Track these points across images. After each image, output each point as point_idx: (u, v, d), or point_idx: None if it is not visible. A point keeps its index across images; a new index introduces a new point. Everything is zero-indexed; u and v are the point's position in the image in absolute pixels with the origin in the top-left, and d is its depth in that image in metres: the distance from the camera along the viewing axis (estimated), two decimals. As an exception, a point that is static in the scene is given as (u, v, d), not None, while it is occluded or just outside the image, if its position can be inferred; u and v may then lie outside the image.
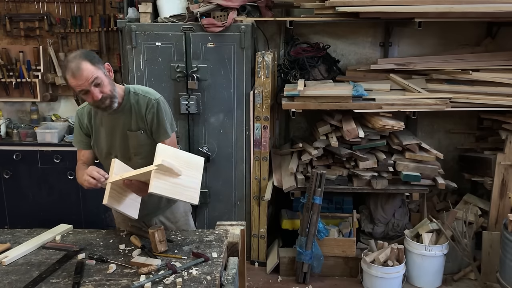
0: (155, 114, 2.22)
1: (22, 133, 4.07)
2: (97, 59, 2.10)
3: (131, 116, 2.23)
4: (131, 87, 2.27)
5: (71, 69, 2.01)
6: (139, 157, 2.28)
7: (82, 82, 2.02)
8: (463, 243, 3.44)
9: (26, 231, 2.35)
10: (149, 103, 2.22)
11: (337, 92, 3.49)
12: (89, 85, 2.03)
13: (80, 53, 2.08)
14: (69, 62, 2.04)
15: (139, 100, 2.23)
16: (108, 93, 2.09)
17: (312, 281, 3.59)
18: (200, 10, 3.47)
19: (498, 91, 3.56)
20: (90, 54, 2.10)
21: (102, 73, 2.08)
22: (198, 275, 1.92)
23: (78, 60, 2.02)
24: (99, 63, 2.08)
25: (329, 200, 3.87)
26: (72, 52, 2.14)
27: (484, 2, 3.33)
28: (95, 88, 2.04)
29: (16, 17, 4.23)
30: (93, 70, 2.03)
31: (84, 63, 2.02)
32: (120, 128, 2.25)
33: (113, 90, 2.12)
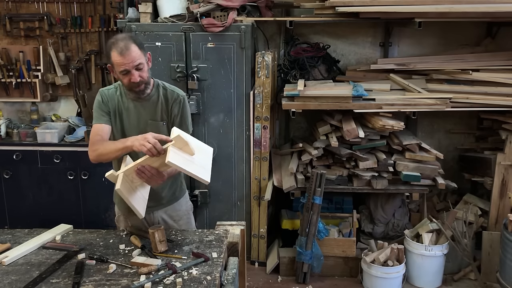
0: (180, 109, 2.32)
1: (22, 133, 4.06)
2: (143, 46, 2.21)
3: (156, 107, 2.31)
4: (159, 81, 2.37)
5: (120, 47, 2.11)
6: None
7: (128, 62, 2.11)
8: (463, 243, 3.44)
9: (26, 231, 2.35)
10: (177, 97, 2.33)
11: (337, 92, 3.49)
12: (132, 67, 2.13)
13: (129, 35, 2.21)
14: (118, 40, 2.14)
15: (167, 94, 2.33)
16: (145, 79, 2.20)
17: (312, 281, 3.59)
18: (200, 10, 3.47)
19: (498, 91, 3.56)
20: (138, 39, 2.22)
21: (145, 60, 2.19)
22: (198, 275, 1.92)
23: (128, 41, 2.13)
24: (143, 50, 2.19)
25: (329, 200, 3.87)
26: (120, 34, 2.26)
27: (484, 2, 3.33)
28: (136, 71, 2.14)
29: (16, 17, 4.23)
30: (140, 55, 2.15)
31: (133, 46, 2.13)
32: (142, 116, 2.31)
33: (149, 77, 2.24)
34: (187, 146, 2.02)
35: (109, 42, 2.19)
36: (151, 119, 2.32)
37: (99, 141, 2.24)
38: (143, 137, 2.02)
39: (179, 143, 2.01)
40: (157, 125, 2.32)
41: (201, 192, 3.73)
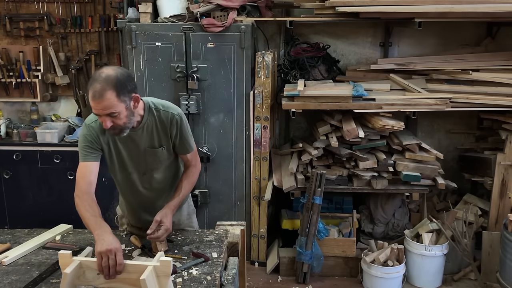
0: (179, 129, 2.17)
1: (22, 133, 4.06)
2: (127, 89, 1.94)
3: (152, 133, 2.15)
4: (150, 102, 2.15)
5: (94, 89, 1.87)
6: (156, 171, 2.25)
7: (98, 109, 1.90)
8: (463, 243, 3.44)
9: (26, 231, 2.35)
10: (173, 118, 2.15)
11: (337, 92, 3.49)
12: (103, 114, 1.92)
13: (113, 77, 1.90)
14: (97, 80, 1.89)
15: (161, 116, 2.14)
16: (120, 125, 1.96)
17: (312, 281, 3.59)
18: (200, 10, 3.47)
19: (498, 91, 3.56)
20: (121, 82, 1.91)
21: (124, 107, 1.93)
22: (198, 275, 1.92)
23: (105, 86, 1.87)
24: (125, 95, 1.93)
25: (329, 200, 3.87)
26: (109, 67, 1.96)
27: (484, 2, 3.33)
28: (108, 118, 1.92)
29: (16, 17, 4.23)
30: (114, 104, 1.89)
31: (110, 93, 1.87)
32: (139, 145, 2.16)
33: (127, 123, 1.98)
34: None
35: (93, 74, 1.96)
36: (149, 147, 2.17)
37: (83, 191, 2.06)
38: (108, 248, 1.74)
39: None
40: (155, 152, 2.18)
41: (201, 192, 3.73)
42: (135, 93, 1.99)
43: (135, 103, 2.00)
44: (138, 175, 2.23)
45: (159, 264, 1.67)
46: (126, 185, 2.29)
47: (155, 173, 2.25)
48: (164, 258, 1.68)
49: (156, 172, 2.25)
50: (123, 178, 2.27)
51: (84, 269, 1.68)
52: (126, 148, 2.17)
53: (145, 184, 2.27)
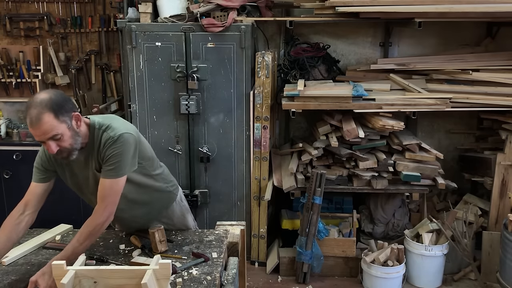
0: (110, 150, 1.95)
1: (22, 133, 4.06)
2: (66, 108, 1.86)
3: (94, 155, 2.01)
4: (96, 122, 2.01)
5: (30, 116, 1.80)
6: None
7: (40, 134, 1.83)
8: (463, 243, 3.44)
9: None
10: (108, 139, 1.96)
11: (337, 92, 3.49)
12: (46, 139, 1.85)
13: (48, 99, 1.82)
14: (31, 107, 1.81)
15: (101, 137, 1.98)
16: (67, 147, 1.89)
17: (312, 281, 3.59)
18: (200, 10, 3.47)
19: (498, 91, 3.56)
20: (57, 103, 1.84)
21: (66, 127, 1.86)
22: (198, 275, 1.92)
23: (41, 110, 1.80)
24: (64, 115, 1.85)
25: (329, 200, 3.87)
26: (42, 92, 1.89)
27: (484, 2, 3.33)
28: (52, 142, 1.85)
29: (16, 17, 4.23)
30: (55, 125, 1.82)
31: (47, 115, 1.80)
32: (87, 168, 2.05)
33: (73, 144, 1.90)
34: None
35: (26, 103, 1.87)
36: (96, 170, 2.03)
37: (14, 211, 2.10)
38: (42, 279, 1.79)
39: None
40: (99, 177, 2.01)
41: (201, 192, 3.73)
42: (74, 111, 1.91)
43: (77, 121, 1.92)
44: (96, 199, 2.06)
45: (158, 267, 1.66)
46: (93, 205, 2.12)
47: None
48: (163, 261, 1.68)
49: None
50: (88, 200, 2.19)
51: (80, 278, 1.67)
52: (78, 172, 2.08)
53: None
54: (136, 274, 1.64)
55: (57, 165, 2.09)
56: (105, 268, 1.70)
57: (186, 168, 3.66)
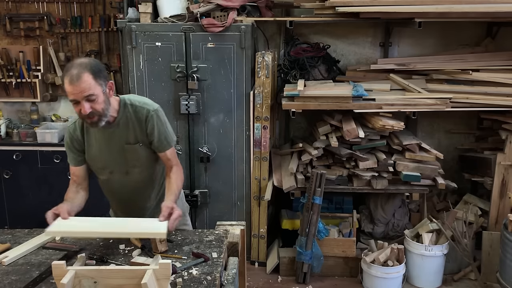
0: (155, 125, 2.15)
1: (22, 133, 4.06)
2: (103, 74, 2.01)
3: (128, 129, 2.15)
4: (126, 98, 2.17)
5: (70, 74, 1.92)
6: (138, 170, 2.24)
7: (77, 92, 1.93)
8: (463, 243, 3.44)
9: (26, 231, 2.35)
10: (148, 114, 2.14)
11: (337, 92, 3.49)
12: (82, 98, 1.94)
13: (88, 62, 1.98)
14: (72, 67, 1.95)
15: (137, 112, 2.15)
16: (98, 111, 1.99)
17: (312, 281, 3.59)
18: (200, 10, 3.47)
19: (498, 91, 3.56)
20: (97, 67, 1.99)
21: (101, 90, 1.99)
22: (198, 275, 1.92)
23: (82, 70, 1.93)
24: (101, 79, 1.99)
25: (329, 200, 3.87)
26: (81, 57, 2.06)
27: (484, 2, 3.33)
28: (86, 103, 1.95)
29: (16, 17, 4.23)
30: (92, 85, 1.94)
31: (86, 75, 1.93)
32: (116, 142, 2.16)
33: (105, 109, 2.02)
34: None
35: (66, 66, 2.01)
36: (126, 143, 2.16)
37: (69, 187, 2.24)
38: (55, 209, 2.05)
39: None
40: (134, 148, 2.18)
41: (201, 192, 3.73)
42: (109, 80, 2.05)
43: (110, 90, 2.06)
44: (120, 175, 2.22)
45: (158, 267, 1.66)
46: (110, 186, 2.29)
47: (137, 172, 2.24)
48: (163, 261, 1.68)
49: (138, 171, 2.24)
50: (105, 179, 2.27)
51: (80, 278, 1.67)
52: (104, 147, 2.17)
53: (130, 184, 2.26)
54: (136, 274, 1.64)
55: (85, 143, 2.19)
56: (105, 268, 1.70)
57: (186, 168, 3.66)
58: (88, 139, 2.18)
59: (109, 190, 2.34)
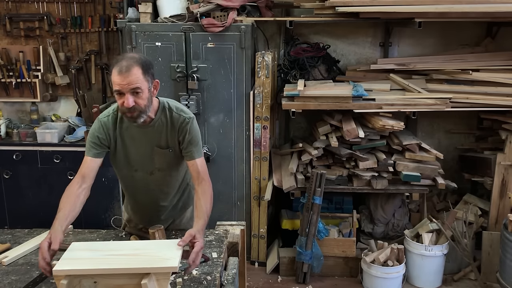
0: (187, 132, 2.14)
1: (22, 133, 4.06)
2: (151, 71, 2.02)
3: (161, 132, 2.15)
4: (165, 102, 2.17)
5: (121, 65, 1.93)
6: (163, 173, 2.24)
7: (124, 84, 1.92)
8: (463, 243, 3.44)
9: (26, 231, 2.35)
10: (184, 121, 2.14)
11: (337, 92, 3.49)
12: (128, 90, 1.93)
13: (138, 57, 2.00)
14: (123, 58, 1.97)
15: (173, 117, 2.14)
16: (141, 107, 1.98)
17: (312, 281, 3.59)
18: (200, 10, 3.47)
19: (498, 91, 3.56)
20: (146, 63, 2.01)
21: (147, 86, 1.98)
22: (198, 275, 1.92)
23: (132, 62, 1.94)
24: (149, 75, 2.00)
25: (329, 200, 3.87)
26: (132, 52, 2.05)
27: (484, 2, 3.33)
28: (131, 96, 1.94)
29: (16, 17, 4.23)
30: (140, 79, 1.94)
31: (136, 68, 1.94)
32: (148, 143, 2.16)
33: (147, 106, 2.01)
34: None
35: (116, 58, 2.03)
36: (157, 146, 2.17)
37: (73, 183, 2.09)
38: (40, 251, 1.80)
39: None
40: (163, 152, 2.18)
41: (201, 192, 3.73)
42: (155, 79, 2.06)
43: (155, 89, 2.07)
44: (145, 174, 2.22)
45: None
46: (131, 182, 2.28)
47: (164, 174, 2.24)
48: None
49: (164, 173, 2.24)
50: (128, 175, 2.26)
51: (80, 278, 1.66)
52: (134, 145, 2.17)
53: (152, 183, 2.25)
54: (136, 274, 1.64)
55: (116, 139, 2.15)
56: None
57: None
58: (119, 135, 2.16)
59: (129, 186, 2.33)
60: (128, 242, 2.03)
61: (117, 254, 1.74)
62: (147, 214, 2.35)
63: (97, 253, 1.76)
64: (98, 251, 1.77)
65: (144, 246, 1.82)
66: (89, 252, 1.77)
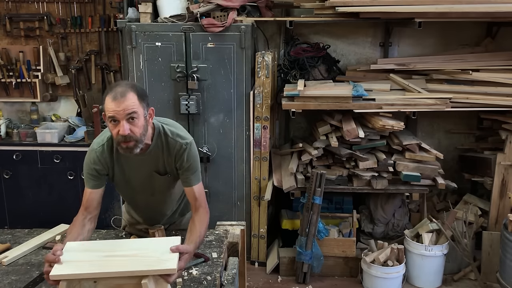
0: (186, 160, 2.08)
1: (22, 133, 4.06)
2: (146, 99, 1.97)
3: (158, 158, 2.11)
4: (161, 126, 2.10)
5: (115, 91, 1.88)
6: (163, 194, 2.24)
7: (119, 110, 1.86)
8: (463, 243, 3.44)
9: (26, 231, 2.35)
10: (179, 148, 2.08)
11: (337, 92, 3.49)
12: (123, 116, 1.87)
13: (133, 84, 1.99)
14: (118, 85, 1.93)
15: (168, 143, 2.09)
16: (136, 135, 1.91)
17: (312, 281, 3.59)
18: (200, 10, 3.47)
19: (498, 91, 3.56)
20: (142, 90, 1.98)
21: (142, 113, 1.93)
22: (198, 275, 1.92)
23: (127, 88, 1.90)
24: (145, 102, 1.95)
25: (329, 200, 3.87)
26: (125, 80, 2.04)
27: (484, 2, 3.33)
28: (126, 123, 1.88)
29: (16, 17, 4.23)
30: (136, 105, 1.89)
31: (132, 94, 1.89)
32: (145, 170, 2.13)
33: (142, 135, 1.94)
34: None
35: (109, 86, 2.01)
36: (155, 172, 2.14)
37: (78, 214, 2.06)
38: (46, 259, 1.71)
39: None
40: (162, 178, 2.15)
41: (201, 192, 3.73)
42: (150, 107, 2.01)
43: (150, 118, 2.01)
44: (146, 196, 2.22)
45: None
46: (133, 202, 2.33)
47: (163, 196, 2.25)
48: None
49: (163, 195, 2.25)
50: (129, 196, 2.31)
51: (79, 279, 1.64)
52: (133, 171, 2.13)
53: (153, 202, 2.27)
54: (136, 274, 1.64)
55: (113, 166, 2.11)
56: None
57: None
58: (117, 163, 2.11)
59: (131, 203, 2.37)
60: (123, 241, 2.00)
61: (115, 255, 1.71)
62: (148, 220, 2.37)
63: (94, 254, 1.72)
64: (95, 251, 1.74)
65: (140, 246, 1.79)
66: (86, 253, 1.73)
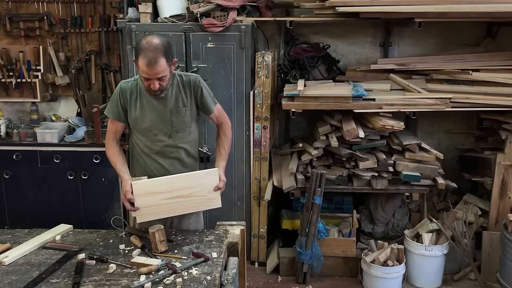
0: (202, 89, 2.49)
1: (22, 133, 4.06)
2: (172, 55, 2.31)
3: (177, 96, 2.44)
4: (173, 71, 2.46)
5: (148, 58, 2.19)
6: (180, 134, 2.48)
7: (152, 74, 2.23)
8: (463, 243, 3.44)
9: (26, 231, 2.35)
10: (195, 81, 2.48)
11: (337, 92, 3.49)
12: (154, 78, 2.24)
13: (161, 45, 2.24)
14: (149, 49, 2.21)
15: (184, 80, 2.46)
16: (164, 87, 2.31)
17: (312, 281, 3.59)
18: (200, 10, 3.47)
19: (498, 91, 3.56)
20: (168, 49, 2.28)
21: (169, 71, 2.30)
22: (198, 275, 1.92)
23: (158, 54, 2.20)
24: (171, 60, 2.30)
25: (329, 200, 3.87)
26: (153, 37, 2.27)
27: (484, 2, 3.33)
28: (157, 81, 2.26)
29: (16, 17, 4.23)
30: (165, 69, 2.25)
31: (162, 59, 2.22)
32: (165, 107, 2.42)
33: (168, 85, 2.35)
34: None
35: (141, 44, 2.24)
36: (174, 107, 2.44)
37: (109, 140, 2.48)
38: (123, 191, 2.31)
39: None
40: (180, 112, 2.45)
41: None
42: (175, 59, 2.37)
43: (173, 66, 2.36)
44: (164, 137, 2.44)
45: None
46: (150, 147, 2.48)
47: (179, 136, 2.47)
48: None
49: (180, 136, 2.48)
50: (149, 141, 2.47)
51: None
52: (153, 110, 2.42)
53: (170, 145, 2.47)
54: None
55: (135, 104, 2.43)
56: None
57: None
58: (140, 101, 2.43)
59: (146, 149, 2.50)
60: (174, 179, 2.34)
61: (175, 196, 2.28)
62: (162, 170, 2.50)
63: (158, 198, 2.27)
64: (157, 194, 2.27)
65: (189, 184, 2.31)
66: (151, 197, 2.26)
